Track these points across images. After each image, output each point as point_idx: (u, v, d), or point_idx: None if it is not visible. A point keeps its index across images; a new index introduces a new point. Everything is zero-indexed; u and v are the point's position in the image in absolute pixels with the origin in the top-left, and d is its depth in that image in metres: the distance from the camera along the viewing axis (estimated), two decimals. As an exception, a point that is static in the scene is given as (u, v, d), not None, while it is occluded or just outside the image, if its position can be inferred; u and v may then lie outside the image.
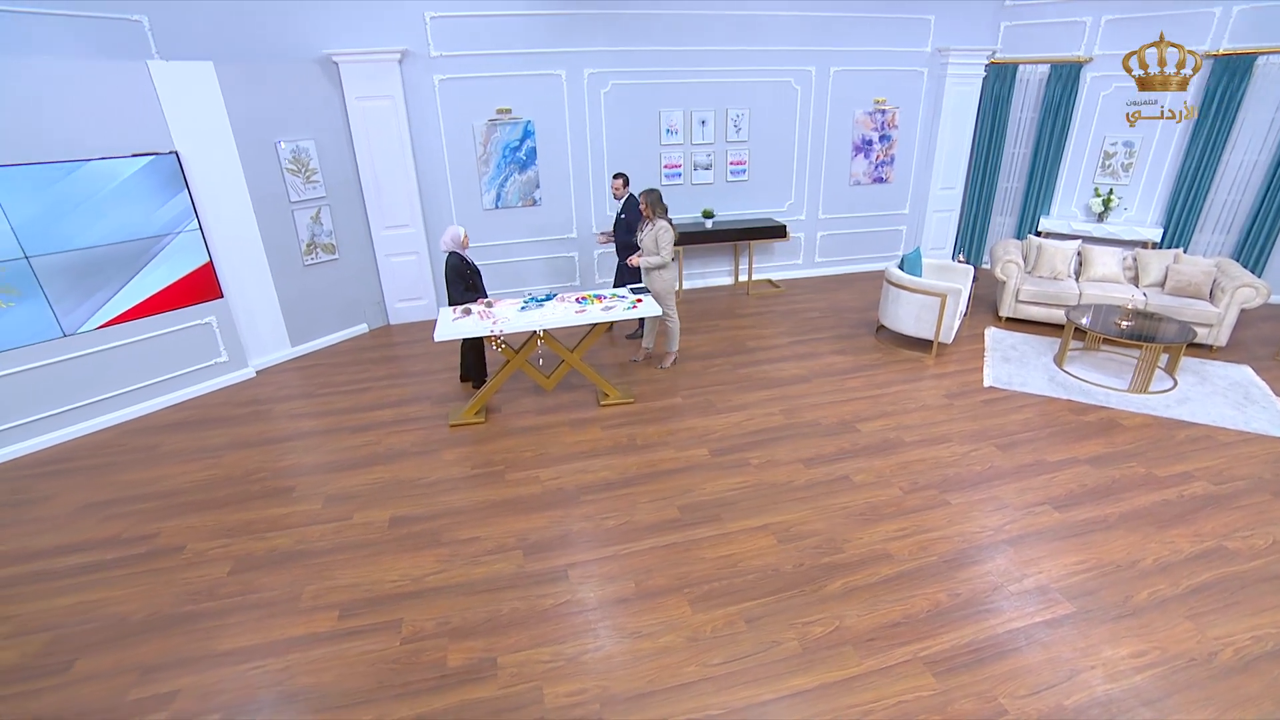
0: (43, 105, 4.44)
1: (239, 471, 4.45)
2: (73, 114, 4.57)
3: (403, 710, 2.68)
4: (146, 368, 5.24)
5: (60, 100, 4.51)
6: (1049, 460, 4.32)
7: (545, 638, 3.02)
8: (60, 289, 4.65)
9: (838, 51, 7.42)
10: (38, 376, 4.69)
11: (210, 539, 3.77)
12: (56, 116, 4.50)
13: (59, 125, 4.52)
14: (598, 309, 5.00)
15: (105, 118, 4.71)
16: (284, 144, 5.78)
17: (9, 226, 4.36)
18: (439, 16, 6.20)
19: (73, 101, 4.56)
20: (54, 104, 4.48)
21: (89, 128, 4.64)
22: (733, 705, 2.66)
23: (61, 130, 4.53)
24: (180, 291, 5.29)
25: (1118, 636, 2.96)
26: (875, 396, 5.23)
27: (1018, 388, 5.29)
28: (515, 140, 6.88)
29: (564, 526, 3.80)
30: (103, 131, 4.71)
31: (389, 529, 3.81)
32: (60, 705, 2.76)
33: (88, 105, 4.63)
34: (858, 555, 3.49)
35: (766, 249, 8.23)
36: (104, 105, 4.70)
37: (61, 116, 4.52)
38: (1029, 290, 6.43)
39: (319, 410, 5.30)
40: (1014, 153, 8.14)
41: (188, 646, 3.03)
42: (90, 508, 4.10)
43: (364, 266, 6.76)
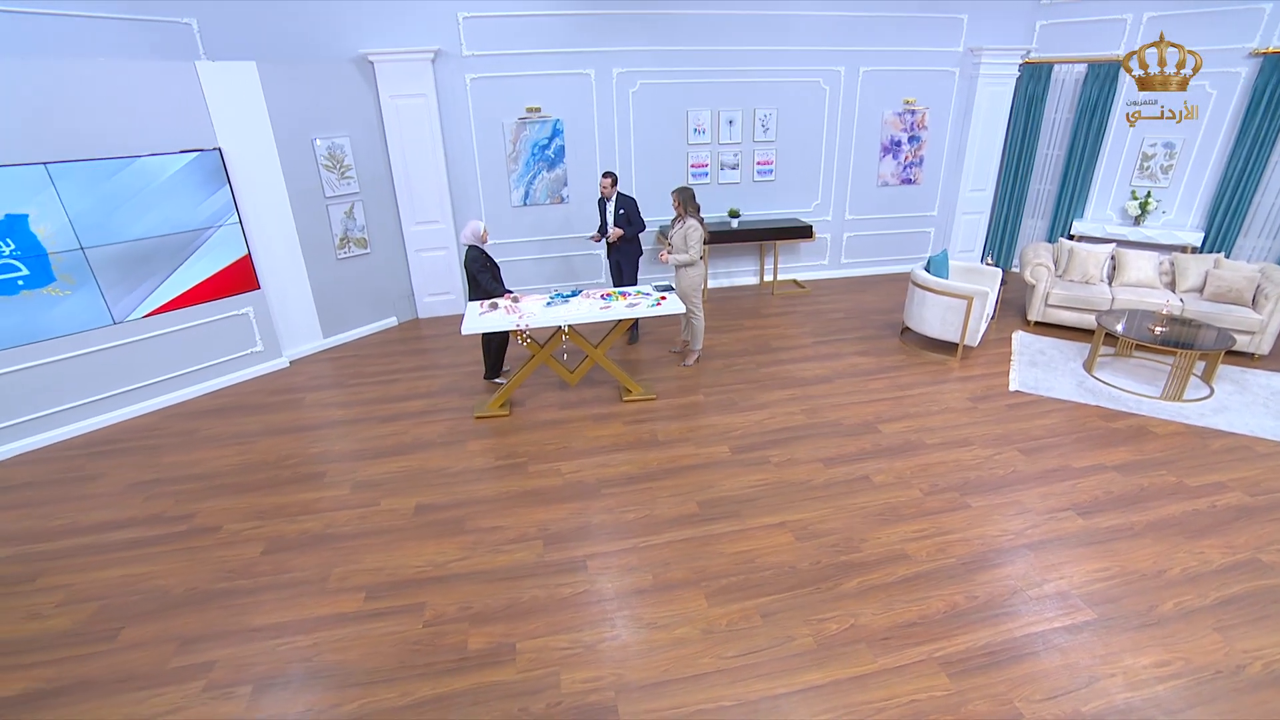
0: (99, 104, 4.65)
1: (272, 457, 4.61)
2: (126, 112, 4.78)
3: (424, 689, 2.77)
4: (187, 355, 5.45)
5: (115, 99, 4.72)
6: (1074, 466, 4.26)
7: (563, 625, 3.08)
8: (111, 278, 4.87)
9: (867, 51, 7.36)
10: (89, 362, 4.92)
11: (244, 520, 3.93)
12: (111, 115, 4.71)
13: (114, 123, 4.73)
14: (622, 305, 5.06)
15: (155, 116, 4.92)
16: (320, 141, 5.95)
17: (67, 219, 4.59)
18: (471, 17, 6.32)
19: (126, 101, 4.77)
20: (109, 103, 4.70)
21: (141, 125, 4.86)
22: (746, 698, 2.70)
23: (116, 128, 4.75)
24: (220, 283, 5.49)
25: (1140, 645, 2.92)
26: (898, 398, 5.20)
27: (1044, 393, 5.22)
28: (544, 138, 6.98)
29: (584, 518, 3.86)
30: (153, 129, 4.92)
31: (414, 516, 3.92)
32: (108, 670, 2.92)
33: (140, 104, 4.84)
34: (875, 555, 3.49)
35: (792, 249, 8.20)
36: (155, 104, 4.91)
37: (116, 115, 4.73)
38: (1059, 294, 6.32)
39: (349, 400, 5.45)
40: (1047, 154, 7.99)
41: (223, 621, 3.17)
42: (136, 487, 4.30)
43: (394, 261, 6.92)
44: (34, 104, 4.38)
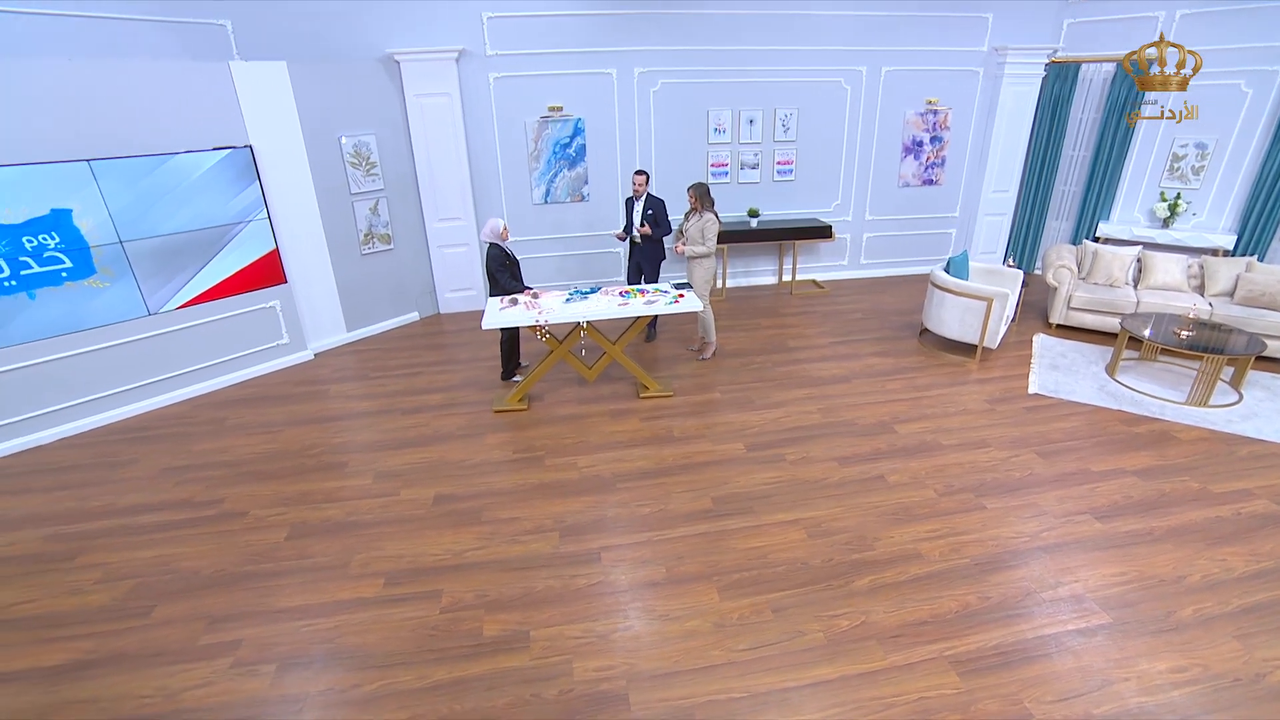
0: (139, 103, 4.83)
1: (296, 446, 4.74)
2: (164, 111, 4.94)
3: (440, 673, 2.84)
4: (217, 347, 5.61)
5: (154, 99, 4.89)
6: (1093, 470, 4.21)
7: (577, 615, 3.14)
8: (147, 271, 5.04)
9: (890, 51, 7.32)
10: (125, 351, 5.09)
11: (270, 506, 4.05)
12: (150, 113, 4.88)
13: (152, 121, 4.90)
14: (640, 303, 5.11)
15: (191, 114, 5.08)
16: (346, 138, 6.08)
17: (108, 214, 4.76)
18: (496, 17, 6.41)
19: (164, 100, 4.94)
20: (148, 102, 4.87)
21: (177, 124, 5.02)
22: (755, 690, 2.73)
23: (154, 126, 4.91)
24: (249, 276, 5.64)
25: (1156, 650, 2.89)
26: (915, 399, 5.19)
27: (1064, 396, 5.16)
28: (565, 137, 7.05)
29: (599, 511, 3.92)
30: (188, 127, 5.08)
31: (433, 506, 4.01)
32: (142, 644, 3.05)
33: (177, 103, 5.00)
34: (888, 554, 3.50)
35: (811, 249, 8.19)
36: (190, 103, 5.07)
37: (154, 113, 4.90)
38: (1082, 297, 6.24)
39: (371, 392, 5.57)
40: (1073, 155, 7.87)
41: (249, 602, 3.28)
42: (168, 472, 4.45)
43: (417, 256, 7.05)
44: (79, 103, 4.56)
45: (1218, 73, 6.49)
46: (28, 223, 4.46)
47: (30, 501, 4.18)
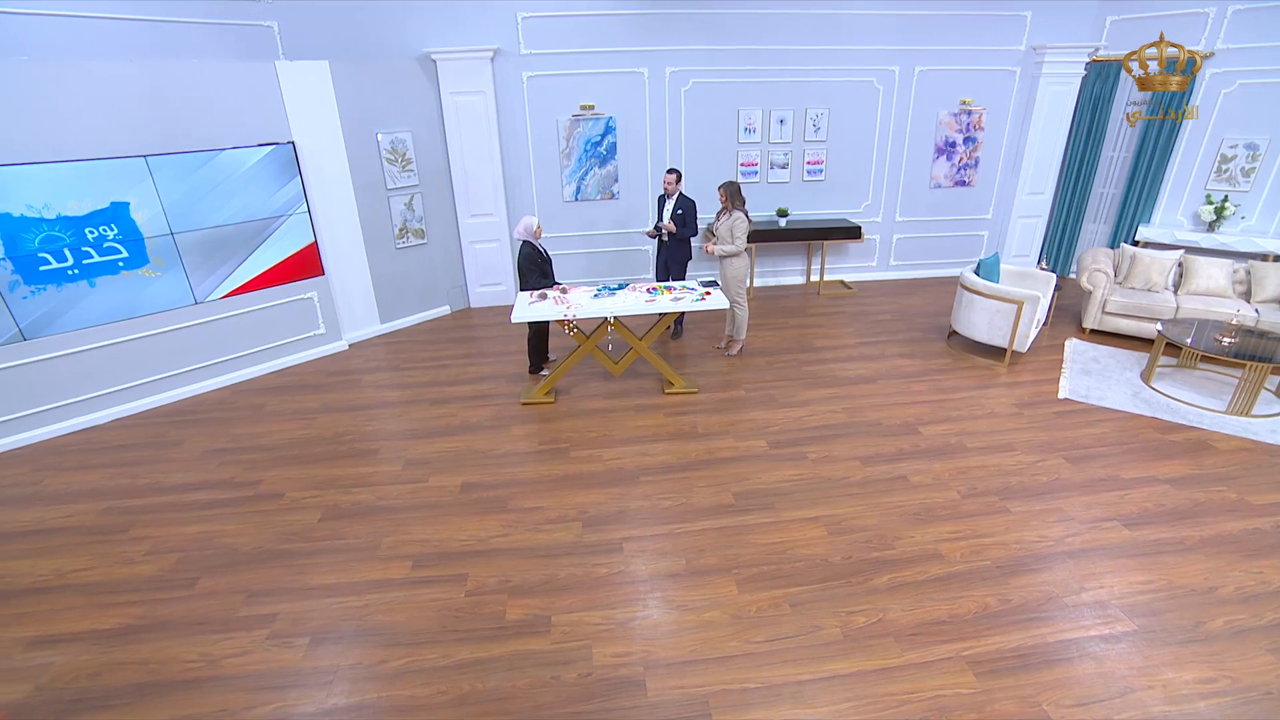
0: (191, 102, 5.05)
1: (330, 432, 4.90)
2: (214, 109, 5.16)
3: (463, 653, 2.94)
4: (257, 335, 5.83)
5: (205, 97, 5.10)
6: (1123, 477, 4.14)
7: (597, 602, 3.22)
8: (195, 262, 5.27)
9: (924, 51, 7.25)
10: (173, 338, 5.34)
11: (304, 489, 4.21)
12: (201, 111, 5.10)
13: (203, 119, 5.12)
14: (667, 299, 5.16)
15: (239, 112, 5.29)
16: (383, 135, 6.26)
17: (161, 207, 5.00)
18: (530, 16, 6.52)
19: (214, 98, 5.15)
20: (200, 100, 5.08)
21: (225, 121, 5.23)
22: (771, 681, 2.77)
23: (205, 123, 5.13)
24: (288, 268, 5.84)
25: (1183, 660, 2.85)
26: (940, 401, 5.15)
27: (1096, 401, 5.07)
28: (597, 135, 7.14)
29: (622, 503, 3.99)
30: (236, 124, 5.29)
31: (460, 493, 4.13)
32: (186, 613, 3.22)
33: (226, 101, 5.21)
34: (908, 553, 3.50)
35: (840, 250, 8.14)
36: (238, 101, 5.28)
37: (205, 111, 5.12)
38: (1118, 302, 6.10)
39: (402, 383, 5.73)
40: (1112, 156, 7.68)
41: (284, 578, 3.43)
42: (210, 454, 4.66)
43: (449, 251, 7.21)
44: (138, 102, 4.80)
45: (1272, 70, 6.29)
46: (90, 215, 4.72)
47: (88, 477, 4.43)
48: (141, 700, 2.77)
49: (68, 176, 4.56)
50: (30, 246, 4.54)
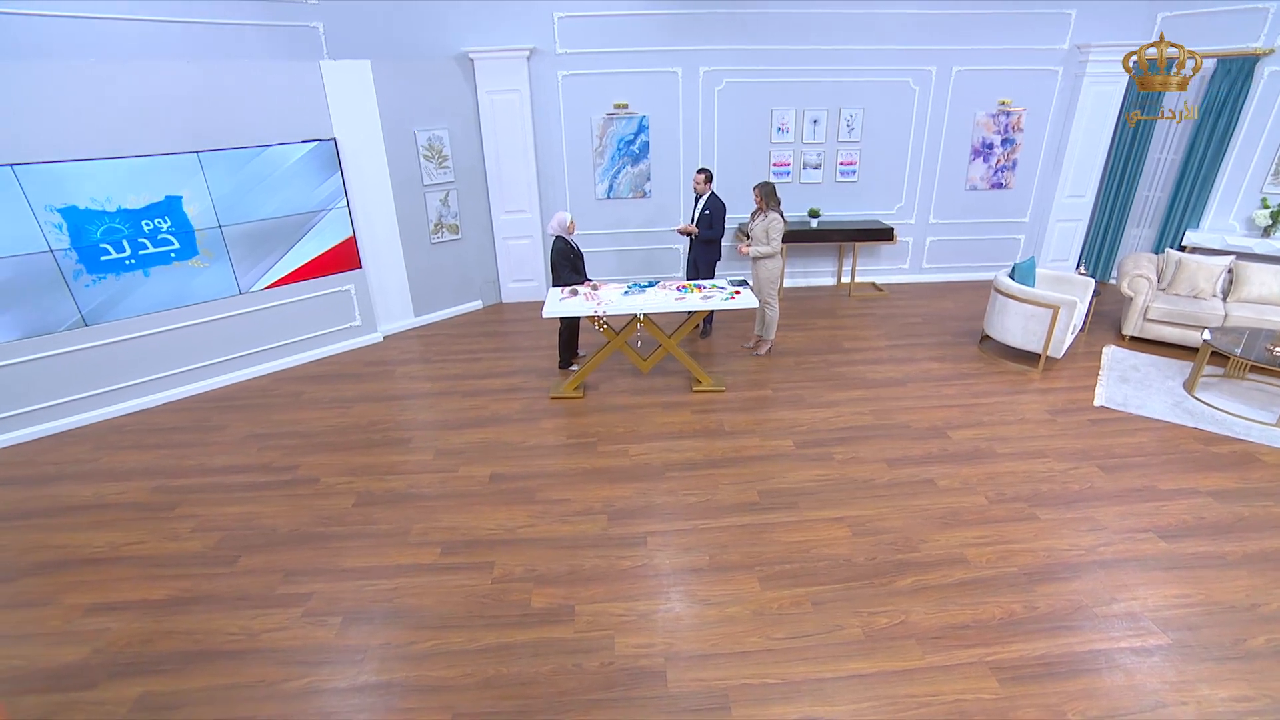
0: (241, 100, 5.24)
1: (364, 421, 5.05)
2: (261, 106, 5.34)
3: (489, 638, 3.03)
4: (296, 326, 6.02)
5: (253, 95, 5.29)
6: (1160, 488, 4.04)
7: (621, 594, 3.27)
8: (240, 253, 5.48)
9: (961, 50, 7.12)
10: (219, 326, 5.55)
11: (339, 475, 4.35)
12: (250, 109, 5.29)
13: (251, 116, 5.31)
14: (697, 298, 5.19)
15: (284, 109, 5.47)
16: (421, 132, 6.40)
17: (211, 201, 5.22)
18: (567, 16, 6.60)
19: (262, 96, 5.34)
20: (249, 98, 5.28)
21: (272, 118, 5.42)
22: (790, 678, 2.79)
23: (253, 120, 5.32)
24: (328, 261, 6.02)
25: (1219, 678, 2.78)
26: (971, 405, 5.08)
27: (1134, 410, 4.94)
28: (630, 134, 7.20)
29: (647, 498, 4.04)
30: (281, 121, 5.47)
31: (489, 483, 4.22)
32: (229, 589, 3.38)
33: (273, 99, 5.40)
34: (932, 556, 3.48)
35: (872, 251, 8.06)
36: (284, 99, 5.46)
37: (253, 109, 5.31)
38: (1161, 309, 5.92)
39: (435, 375, 5.87)
40: (1160, 158, 7.44)
41: (319, 559, 3.57)
42: (251, 438, 4.84)
43: (483, 247, 7.34)
44: (192, 100, 5.01)
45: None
46: (146, 208, 4.95)
47: (141, 457, 4.66)
48: (188, 668, 2.92)
49: (128, 171, 4.79)
50: (93, 237, 4.78)
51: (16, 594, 3.40)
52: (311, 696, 2.76)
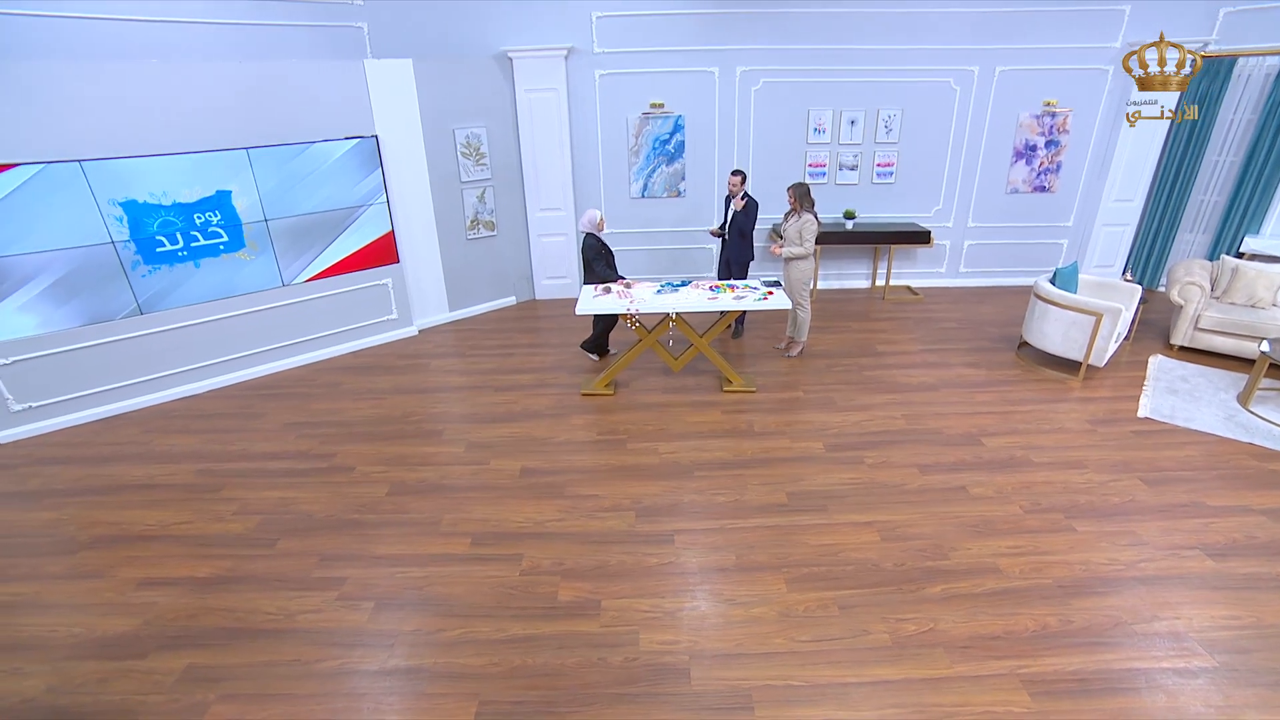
0: (288, 98, 5.41)
1: (399, 412, 5.17)
2: (307, 104, 5.51)
3: (516, 628, 3.07)
4: (335, 318, 6.19)
5: (300, 94, 5.46)
6: (1209, 504, 3.89)
7: (647, 591, 3.29)
8: (284, 246, 5.66)
9: (1006, 50, 6.94)
10: (262, 317, 5.75)
11: (373, 464, 4.46)
12: (296, 106, 5.46)
13: (298, 113, 5.48)
14: (729, 298, 5.18)
15: (329, 107, 5.63)
16: (459, 130, 6.51)
17: (258, 195, 5.41)
18: (605, 16, 6.64)
19: (308, 94, 5.50)
20: (295, 97, 5.44)
21: (318, 115, 5.58)
22: (815, 681, 2.78)
23: (299, 117, 5.49)
24: (367, 255, 6.18)
25: (1270, 704, 2.66)
26: (1006, 413, 4.96)
27: (1181, 423, 4.76)
28: (665, 133, 7.21)
29: (676, 496, 4.05)
30: (326, 119, 5.63)
31: (519, 477, 4.28)
32: (267, 570, 3.50)
33: (318, 97, 5.56)
34: (963, 565, 3.42)
35: (908, 254, 7.92)
36: (330, 97, 5.62)
37: (300, 106, 5.47)
38: (1214, 317, 5.69)
39: (468, 369, 5.97)
40: (1217, 160, 7.14)
41: (353, 546, 3.67)
42: (291, 426, 5.00)
43: (518, 244, 7.43)
44: (243, 99, 5.19)
45: None
46: (199, 202, 5.16)
47: (188, 440, 4.85)
48: (230, 644, 3.04)
49: (183, 167, 5.00)
50: (150, 230, 5.00)
51: (77, 565, 3.60)
52: (344, 677, 2.85)
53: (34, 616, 3.24)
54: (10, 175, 4.39)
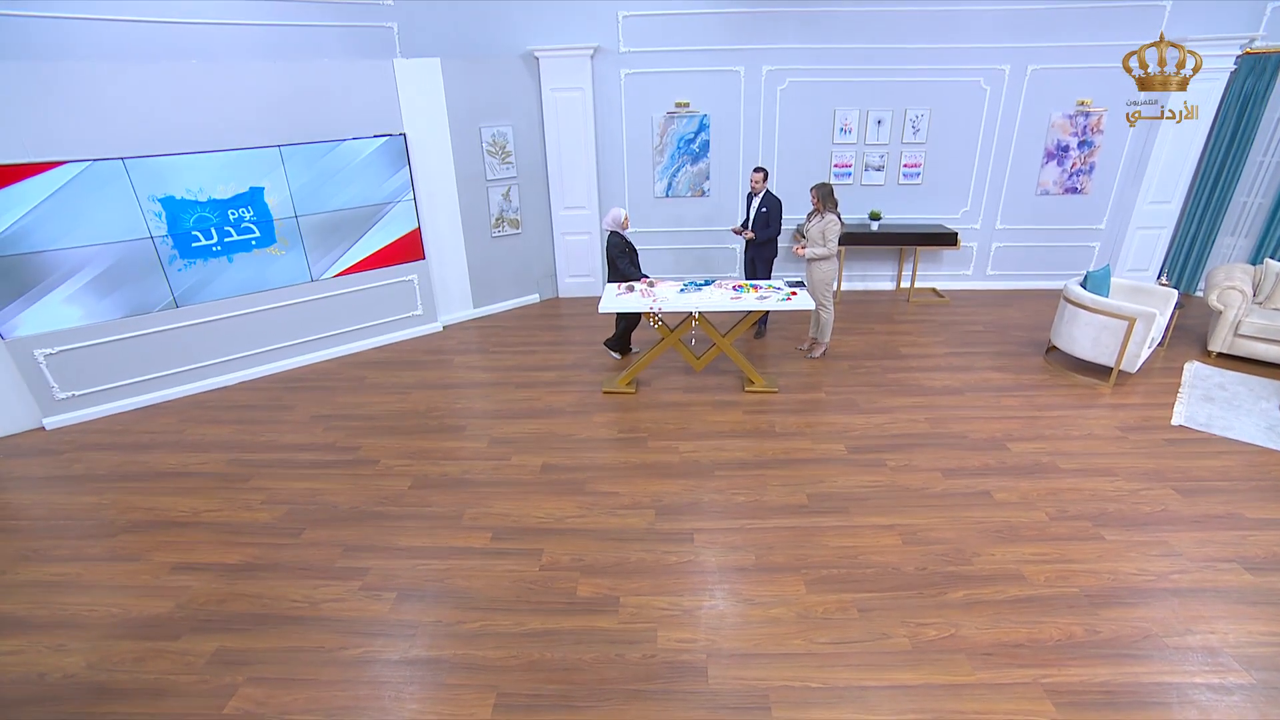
0: (319, 97, 5.52)
1: (422, 407, 5.24)
2: (338, 103, 5.62)
3: (535, 623, 3.10)
4: (362, 313, 6.29)
5: (330, 92, 5.57)
6: (1248, 516, 3.77)
7: (665, 589, 3.29)
8: (313, 242, 5.77)
9: (1038, 48, 6.79)
10: (291, 311, 5.87)
11: (397, 458, 4.53)
12: (327, 105, 5.57)
13: (328, 112, 5.58)
14: (752, 298, 5.16)
15: (359, 105, 5.73)
16: (486, 129, 6.58)
17: (289, 192, 5.53)
18: (631, 15, 6.66)
19: (339, 93, 5.61)
20: (326, 95, 5.55)
21: (348, 113, 5.68)
22: (833, 684, 2.76)
23: (330, 116, 5.60)
24: (393, 252, 6.27)
25: (1310, 725, 2.59)
26: (1033, 418, 4.87)
27: (1219, 431, 4.63)
28: (690, 133, 7.20)
29: (695, 495, 4.05)
30: (356, 116, 5.73)
31: (540, 473, 4.32)
32: (293, 559, 3.58)
33: (349, 96, 5.66)
34: (986, 570, 3.36)
35: (934, 256, 7.81)
36: (359, 96, 5.72)
37: (330, 105, 5.58)
38: (1255, 323, 5.52)
39: (491, 365, 6.03)
40: (1262, 161, 6.91)
41: (376, 537, 3.73)
42: (317, 419, 5.10)
43: (542, 242, 7.48)
44: (276, 97, 5.31)
45: None
46: (233, 198, 5.29)
47: (219, 431, 4.98)
48: (257, 629, 3.11)
49: (218, 164, 5.13)
50: (186, 225, 5.15)
51: (115, 548, 3.73)
52: (365, 665, 2.90)
53: (76, 595, 3.36)
54: (59, 172, 4.55)
